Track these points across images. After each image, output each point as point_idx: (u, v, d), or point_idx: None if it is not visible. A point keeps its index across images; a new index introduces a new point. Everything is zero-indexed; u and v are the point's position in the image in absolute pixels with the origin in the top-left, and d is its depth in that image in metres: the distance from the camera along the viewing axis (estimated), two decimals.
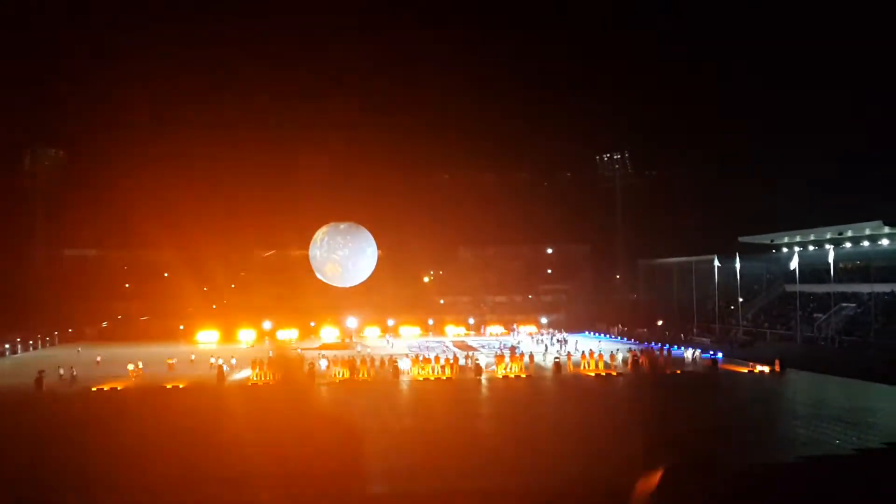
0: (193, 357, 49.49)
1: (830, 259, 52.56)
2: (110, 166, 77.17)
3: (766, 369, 42.52)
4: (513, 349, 50.07)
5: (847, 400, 34.83)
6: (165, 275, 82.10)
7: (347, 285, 62.83)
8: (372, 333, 72.35)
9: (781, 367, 42.25)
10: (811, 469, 20.61)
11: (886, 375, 36.27)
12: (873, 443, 23.96)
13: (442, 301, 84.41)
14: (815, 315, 55.00)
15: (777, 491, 18.11)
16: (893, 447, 23.40)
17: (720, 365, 44.57)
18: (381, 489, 19.19)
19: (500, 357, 44.14)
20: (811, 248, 60.61)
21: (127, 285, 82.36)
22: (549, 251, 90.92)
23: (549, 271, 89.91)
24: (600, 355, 44.36)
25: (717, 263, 62.29)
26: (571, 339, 63.70)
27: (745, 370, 43.15)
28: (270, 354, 48.21)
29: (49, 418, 30.06)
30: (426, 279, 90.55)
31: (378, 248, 63.09)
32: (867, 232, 54.29)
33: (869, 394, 35.37)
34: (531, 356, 46.03)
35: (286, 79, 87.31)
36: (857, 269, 58.01)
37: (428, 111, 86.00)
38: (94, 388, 37.15)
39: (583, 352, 47.67)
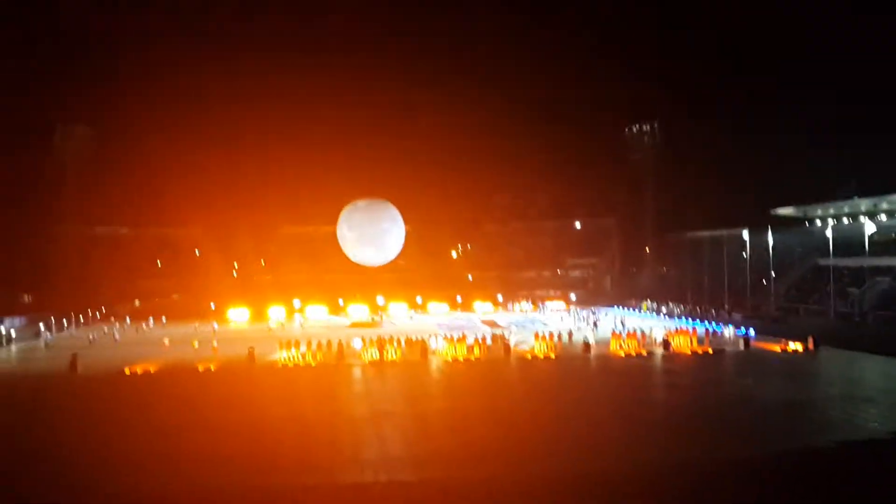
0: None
1: (865, 232, 51.62)
2: (139, 144, 78.12)
3: (800, 347, 41.94)
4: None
5: (882, 380, 34.33)
6: (196, 252, 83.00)
7: (375, 263, 63.01)
8: (400, 311, 72.12)
9: (815, 344, 41.65)
10: (846, 454, 20.48)
11: None
12: None
13: (470, 277, 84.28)
14: (848, 290, 54.07)
15: (813, 475, 17.99)
16: None
17: (752, 342, 44.01)
18: (409, 477, 19.37)
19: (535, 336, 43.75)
20: (845, 220, 59.53)
21: (158, 263, 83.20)
22: (578, 226, 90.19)
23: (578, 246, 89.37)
24: (630, 334, 44.12)
25: (747, 237, 61.36)
26: (601, 314, 63.46)
27: (778, 348, 42.61)
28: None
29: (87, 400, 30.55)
30: (454, 254, 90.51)
31: (405, 223, 63.19)
32: None
33: None
34: (559, 336, 45.72)
35: (313, 53, 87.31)
36: (893, 241, 56.88)
37: (456, 84, 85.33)
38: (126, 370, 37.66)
39: (612, 330, 47.46)
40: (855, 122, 67.62)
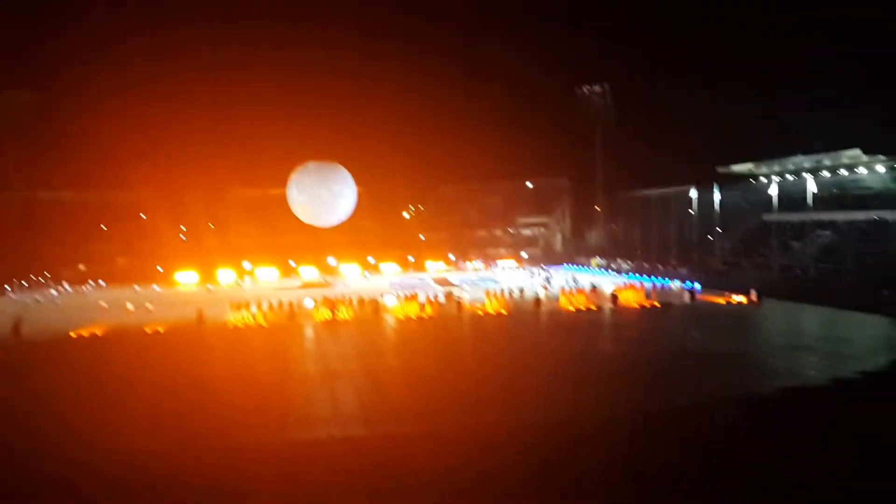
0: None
1: (808, 188, 52.79)
2: (82, 105, 75.75)
3: (744, 299, 42.99)
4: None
5: (821, 329, 35.47)
6: (142, 215, 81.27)
7: (326, 225, 62.61)
8: (352, 271, 72.00)
9: (758, 296, 42.72)
10: (788, 399, 21.15)
11: (860, 303, 36.82)
12: (847, 372, 24.36)
13: (422, 237, 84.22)
14: (791, 243, 55.36)
15: (756, 420, 18.55)
16: (866, 377, 23.83)
17: (698, 296, 44.99)
18: (361, 431, 19.48)
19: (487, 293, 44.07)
20: (789, 177, 60.68)
21: (103, 227, 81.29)
22: (529, 185, 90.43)
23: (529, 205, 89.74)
24: (579, 290, 44.80)
25: (694, 194, 62.39)
26: (552, 271, 64.19)
27: (723, 301, 43.63)
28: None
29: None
30: (406, 215, 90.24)
31: (357, 184, 62.70)
32: (845, 160, 54.34)
33: (843, 322, 35.97)
34: (510, 293, 46.12)
35: (265, 14, 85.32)
36: (835, 197, 58.24)
37: (406, 42, 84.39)
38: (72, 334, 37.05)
39: (562, 287, 48.08)
40: (802, 79, 68.46)
